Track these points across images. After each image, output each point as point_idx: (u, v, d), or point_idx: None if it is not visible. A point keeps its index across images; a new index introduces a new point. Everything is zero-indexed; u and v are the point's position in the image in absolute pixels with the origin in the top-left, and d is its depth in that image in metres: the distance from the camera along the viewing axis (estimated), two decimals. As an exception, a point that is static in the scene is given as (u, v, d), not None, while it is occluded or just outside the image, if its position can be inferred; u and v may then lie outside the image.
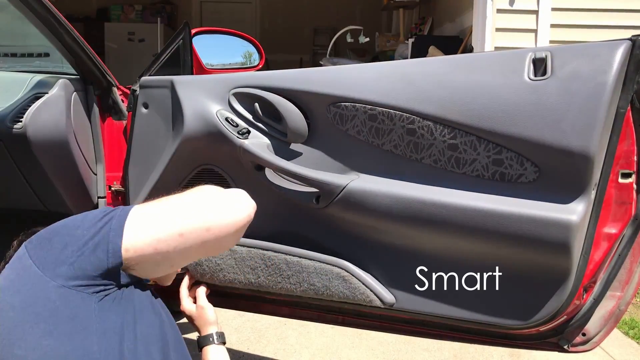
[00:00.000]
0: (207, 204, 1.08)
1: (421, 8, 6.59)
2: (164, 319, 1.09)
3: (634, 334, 2.63)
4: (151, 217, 1.04)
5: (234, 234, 1.06)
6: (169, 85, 1.52)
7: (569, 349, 1.34)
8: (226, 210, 1.06)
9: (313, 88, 1.37)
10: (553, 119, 1.15)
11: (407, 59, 4.74)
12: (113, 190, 1.74)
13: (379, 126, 1.31)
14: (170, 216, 1.05)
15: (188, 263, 1.25)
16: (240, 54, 2.36)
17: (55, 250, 1.01)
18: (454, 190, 1.25)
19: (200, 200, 1.09)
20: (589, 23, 4.27)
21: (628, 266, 1.30)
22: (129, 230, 1.01)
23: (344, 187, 1.31)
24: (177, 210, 1.06)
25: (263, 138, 1.43)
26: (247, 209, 1.08)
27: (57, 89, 1.64)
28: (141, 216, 1.04)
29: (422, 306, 1.34)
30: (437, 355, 2.39)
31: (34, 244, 1.04)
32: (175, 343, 1.09)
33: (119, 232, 1.01)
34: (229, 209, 1.07)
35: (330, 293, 1.39)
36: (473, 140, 1.22)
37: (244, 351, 2.36)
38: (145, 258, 1.01)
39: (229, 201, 1.09)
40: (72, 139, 1.65)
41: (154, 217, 1.04)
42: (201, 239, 1.03)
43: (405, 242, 1.33)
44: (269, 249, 1.44)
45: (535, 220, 1.17)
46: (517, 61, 1.20)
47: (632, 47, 1.14)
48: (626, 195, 1.27)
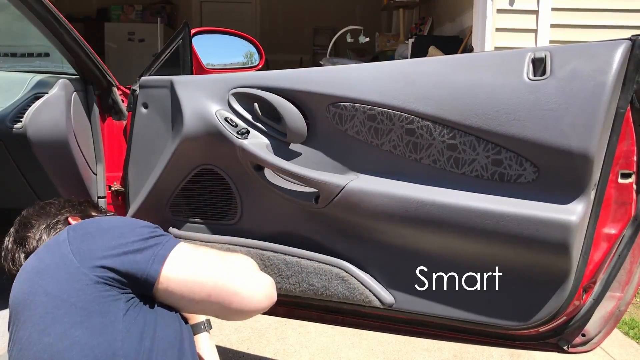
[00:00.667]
0: (245, 272, 1.18)
1: (421, 8, 6.60)
2: (182, 323, 1.16)
3: (634, 334, 2.63)
4: (193, 259, 1.14)
5: (248, 312, 1.15)
6: (168, 85, 1.52)
7: (568, 349, 1.34)
8: (257, 289, 1.15)
9: (312, 88, 1.36)
10: (552, 119, 1.14)
11: (407, 59, 4.74)
12: (113, 190, 1.74)
13: (378, 126, 1.31)
14: (211, 266, 1.14)
15: (195, 313, 1.33)
16: (240, 54, 2.36)
17: (97, 247, 1.07)
18: (453, 190, 1.25)
19: (240, 266, 1.20)
20: (589, 23, 4.27)
21: (628, 267, 1.29)
22: (170, 262, 1.11)
23: (343, 187, 1.31)
24: (219, 264, 1.16)
25: (262, 138, 1.43)
26: (270, 299, 1.18)
27: (57, 89, 1.65)
28: (185, 254, 1.14)
29: (421, 306, 1.34)
30: (437, 355, 2.39)
31: (78, 234, 1.10)
32: (190, 346, 1.14)
33: (161, 260, 1.10)
34: (261, 289, 1.16)
35: (329, 293, 1.39)
36: (472, 141, 1.22)
37: (243, 351, 2.37)
38: (169, 293, 1.11)
39: (263, 283, 1.18)
40: (72, 139, 1.66)
41: (196, 260, 1.14)
42: (222, 299, 1.12)
43: (405, 243, 1.32)
44: (268, 249, 1.44)
45: (534, 221, 1.17)
46: (516, 61, 1.20)
47: (632, 47, 1.14)
48: (626, 196, 1.27)
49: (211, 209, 1.54)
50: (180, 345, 1.10)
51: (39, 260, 1.09)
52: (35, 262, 1.10)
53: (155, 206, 1.59)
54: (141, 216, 1.60)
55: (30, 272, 1.08)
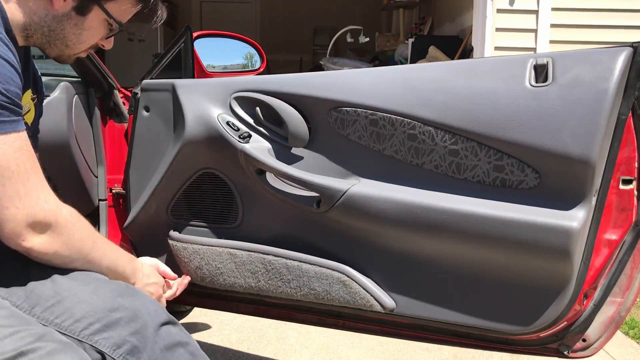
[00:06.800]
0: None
1: (421, 8, 6.60)
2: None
3: (634, 334, 2.63)
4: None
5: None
6: (170, 89, 1.52)
7: (569, 354, 1.35)
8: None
9: (314, 92, 1.37)
10: (554, 126, 1.15)
11: (409, 64, 4.76)
12: (114, 192, 1.74)
13: (380, 131, 1.31)
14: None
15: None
16: (241, 57, 2.36)
17: None
18: (455, 195, 1.25)
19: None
20: (589, 23, 4.28)
21: (628, 272, 1.30)
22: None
23: (345, 192, 1.32)
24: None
25: (264, 142, 1.43)
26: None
27: (58, 91, 1.65)
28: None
29: (422, 311, 1.34)
30: (437, 355, 2.39)
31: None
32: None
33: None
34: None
35: (330, 298, 1.39)
36: (474, 146, 1.22)
37: (243, 351, 2.37)
38: None
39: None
40: (74, 142, 1.66)
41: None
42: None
43: (406, 247, 1.33)
44: (270, 253, 1.44)
45: (535, 227, 1.17)
46: (518, 67, 1.20)
47: (634, 54, 1.14)
48: (627, 202, 1.27)
49: (212, 212, 1.54)
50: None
51: None
52: None
53: (156, 209, 1.59)
54: (142, 219, 1.61)
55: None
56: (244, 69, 2.36)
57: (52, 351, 0.91)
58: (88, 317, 1.01)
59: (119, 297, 1.05)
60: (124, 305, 1.03)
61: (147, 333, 1.01)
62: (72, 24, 1.14)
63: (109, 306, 1.02)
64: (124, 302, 1.04)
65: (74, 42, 1.17)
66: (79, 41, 1.18)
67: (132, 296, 1.06)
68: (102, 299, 1.03)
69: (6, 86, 0.98)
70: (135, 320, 1.01)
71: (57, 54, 1.20)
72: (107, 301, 1.03)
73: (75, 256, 1.09)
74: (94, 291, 1.05)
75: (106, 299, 1.03)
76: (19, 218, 0.99)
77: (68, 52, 1.20)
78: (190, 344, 1.08)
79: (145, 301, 1.07)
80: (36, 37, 1.15)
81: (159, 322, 1.04)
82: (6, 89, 0.98)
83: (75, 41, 1.17)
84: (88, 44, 1.20)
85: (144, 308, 1.04)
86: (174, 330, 1.06)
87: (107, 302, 1.03)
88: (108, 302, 1.03)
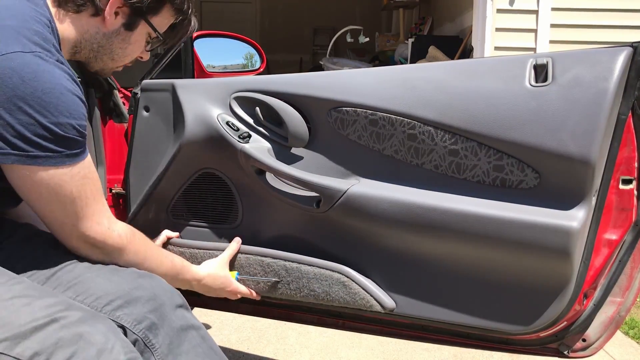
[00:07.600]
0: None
1: (421, 8, 6.60)
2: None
3: (634, 334, 2.63)
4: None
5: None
6: (170, 89, 1.52)
7: (569, 354, 1.35)
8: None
9: (314, 93, 1.37)
10: (554, 125, 1.15)
11: (408, 64, 4.76)
12: (114, 192, 1.74)
13: (380, 131, 1.31)
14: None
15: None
16: (241, 57, 2.36)
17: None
18: (455, 195, 1.26)
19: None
20: (589, 23, 4.28)
21: (628, 272, 1.30)
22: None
23: (345, 192, 1.32)
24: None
25: (264, 142, 1.43)
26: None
27: None
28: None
29: (422, 311, 1.34)
30: (437, 355, 2.39)
31: None
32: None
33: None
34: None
35: (330, 299, 1.39)
36: (474, 146, 1.22)
37: (244, 351, 2.37)
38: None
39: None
40: None
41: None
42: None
43: (406, 247, 1.33)
44: (268, 256, 1.44)
45: (535, 226, 1.17)
46: (518, 67, 1.20)
47: (633, 53, 1.14)
48: (627, 202, 1.27)
49: (212, 212, 1.54)
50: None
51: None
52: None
53: (156, 209, 1.59)
54: (142, 219, 1.61)
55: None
56: (244, 69, 2.36)
57: (83, 318, 0.97)
58: (110, 295, 1.07)
59: (139, 277, 1.12)
60: (143, 285, 1.10)
61: (165, 312, 1.08)
62: (120, 39, 1.21)
63: (130, 285, 1.09)
64: (143, 282, 1.11)
65: (120, 55, 1.24)
66: (125, 55, 1.25)
67: (152, 278, 1.14)
68: (123, 278, 1.11)
69: (79, 122, 1.06)
70: (155, 299, 1.08)
71: (100, 67, 1.26)
72: (128, 280, 1.10)
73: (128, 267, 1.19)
74: (113, 272, 1.13)
75: (127, 278, 1.11)
76: (74, 235, 1.12)
77: (112, 65, 1.27)
78: (202, 329, 1.14)
79: (162, 283, 1.14)
80: (84, 53, 1.21)
81: (175, 304, 1.11)
82: (80, 125, 1.06)
83: (122, 55, 1.24)
84: (132, 57, 1.27)
85: (161, 289, 1.11)
86: (187, 314, 1.13)
87: (128, 281, 1.10)
88: (129, 281, 1.10)
